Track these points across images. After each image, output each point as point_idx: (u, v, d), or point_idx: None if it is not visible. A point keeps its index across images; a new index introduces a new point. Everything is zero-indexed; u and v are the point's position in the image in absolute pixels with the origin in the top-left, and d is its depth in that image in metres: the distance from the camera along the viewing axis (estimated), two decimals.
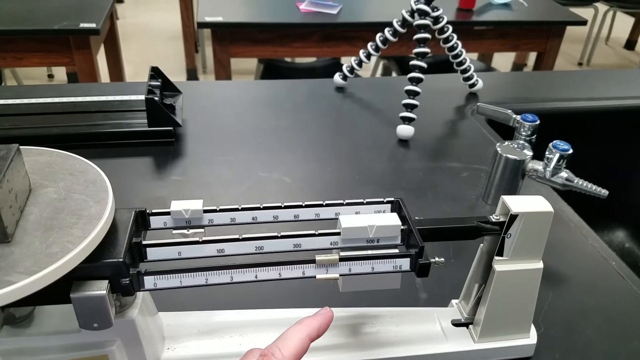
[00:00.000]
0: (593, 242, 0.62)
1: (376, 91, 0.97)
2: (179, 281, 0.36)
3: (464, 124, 0.87)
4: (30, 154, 0.40)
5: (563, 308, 0.53)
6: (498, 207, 0.41)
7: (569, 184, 0.60)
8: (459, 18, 1.80)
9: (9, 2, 1.62)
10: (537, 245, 0.42)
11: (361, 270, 0.38)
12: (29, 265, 0.30)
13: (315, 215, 0.41)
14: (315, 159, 0.76)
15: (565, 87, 1.02)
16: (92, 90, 0.90)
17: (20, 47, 1.54)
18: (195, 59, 3.00)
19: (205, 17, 1.63)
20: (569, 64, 3.35)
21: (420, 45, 0.80)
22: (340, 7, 1.76)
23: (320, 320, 0.37)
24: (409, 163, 0.76)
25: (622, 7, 3.31)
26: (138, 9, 3.94)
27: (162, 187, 0.69)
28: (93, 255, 0.33)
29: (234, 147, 0.78)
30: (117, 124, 0.75)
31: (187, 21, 2.83)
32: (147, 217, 0.40)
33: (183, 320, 0.46)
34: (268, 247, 0.38)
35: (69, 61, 1.60)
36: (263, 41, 1.74)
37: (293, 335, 0.35)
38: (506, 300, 0.44)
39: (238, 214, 0.41)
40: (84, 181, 0.37)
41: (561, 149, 0.59)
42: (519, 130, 0.67)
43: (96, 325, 0.35)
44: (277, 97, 0.93)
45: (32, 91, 0.86)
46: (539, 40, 1.91)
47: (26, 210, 0.34)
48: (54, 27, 1.48)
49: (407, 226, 0.39)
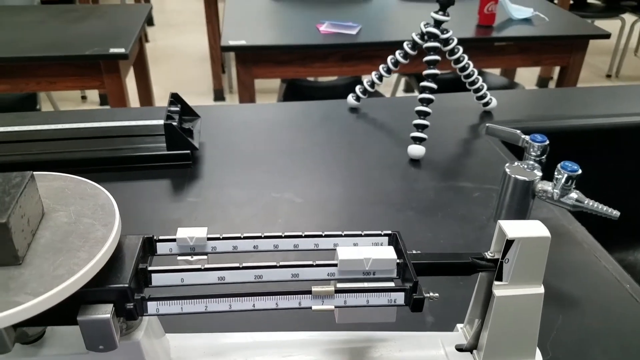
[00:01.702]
0: (607, 264, 0.62)
1: (389, 111, 0.98)
2: (180, 307, 0.38)
3: (477, 143, 0.88)
4: (46, 179, 0.42)
5: (573, 332, 0.52)
6: (495, 233, 0.42)
7: (579, 204, 0.60)
8: (479, 34, 1.80)
9: (44, 30, 1.70)
10: (536, 270, 0.42)
11: (356, 302, 0.39)
12: (36, 286, 0.32)
13: (314, 245, 0.43)
14: (327, 180, 0.77)
15: (584, 104, 1.01)
16: (116, 115, 0.94)
17: (54, 72, 1.61)
18: (222, 79, 3.06)
19: (229, 41, 1.67)
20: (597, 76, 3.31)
21: (430, 67, 0.81)
22: (360, 27, 1.79)
23: None
24: (420, 183, 0.76)
25: None
26: (169, 32, 4.05)
27: (178, 208, 0.71)
28: (101, 280, 0.35)
29: (248, 168, 0.79)
30: (138, 148, 0.78)
31: (214, 44, 2.90)
32: (154, 243, 0.41)
33: (190, 342, 0.48)
34: (267, 276, 0.39)
35: (100, 84, 1.67)
36: (285, 62, 1.77)
37: None
38: (508, 326, 0.44)
39: (240, 242, 0.42)
40: (94, 205, 0.39)
41: (569, 170, 0.59)
42: (528, 150, 0.67)
43: (102, 347, 0.36)
44: (293, 119, 0.95)
45: (59, 117, 0.89)
46: (561, 55, 1.89)
47: (38, 234, 0.36)
48: (85, 52, 1.54)
49: (403, 260, 0.40)
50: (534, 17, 1.94)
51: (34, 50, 1.54)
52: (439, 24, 0.82)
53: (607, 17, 3.16)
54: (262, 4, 2.08)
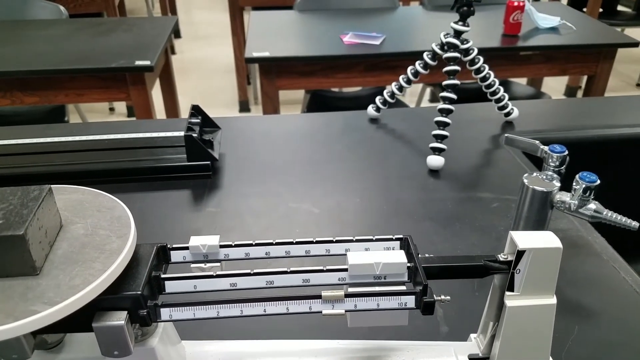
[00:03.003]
0: (626, 275, 0.60)
1: (409, 122, 0.98)
2: (192, 313, 0.38)
3: (497, 153, 0.87)
4: (65, 192, 0.43)
5: (589, 343, 0.51)
6: (507, 243, 0.42)
7: (598, 215, 0.59)
8: (504, 44, 1.79)
9: (71, 43, 1.75)
10: (548, 281, 0.41)
11: (367, 306, 0.39)
12: (53, 296, 0.33)
13: (325, 251, 0.43)
14: (345, 190, 0.77)
15: (609, 114, 0.99)
16: (140, 127, 0.96)
17: (81, 85, 1.66)
18: (247, 91, 3.10)
19: (252, 53, 1.69)
20: (627, 85, 3.24)
21: (450, 77, 0.81)
22: (384, 37, 1.79)
23: None
24: (439, 193, 0.76)
25: None
26: (195, 44, 4.12)
27: (198, 218, 0.72)
28: (114, 287, 0.36)
29: (267, 179, 0.80)
30: (159, 159, 0.80)
31: (240, 55, 2.94)
32: (168, 252, 0.42)
33: (205, 348, 0.48)
34: (278, 282, 0.40)
35: (126, 96, 1.71)
36: (308, 74, 1.78)
37: None
38: (520, 336, 0.43)
39: (252, 249, 0.43)
40: (110, 217, 0.41)
41: (588, 181, 0.58)
42: (547, 161, 0.67)
43: (116, 353, 0.37)
44: (313, 130, 0.96)
45: (84, 129, 0.92)
46: (588, 64, 1.87)
47: (56, 245, 0.38)
48: (111, 65, 1.58)
49: (414, 264, 0.40)
50: (560, 25, 1.91)
51: (62, 63, 1.59)
52: (459, 34, 0.82)
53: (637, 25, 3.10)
54: (286, 16, 2.10)
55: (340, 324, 0.53)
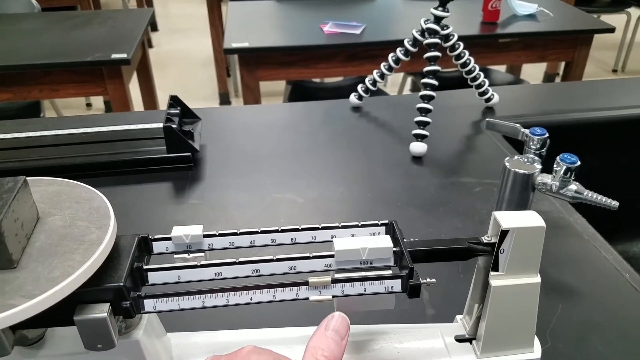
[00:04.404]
0: (607, 254, 0.61)
1: (391, 109, 0.98)
2: (177, 304, 0.38)
3: (479, 139, 0.87)
4: (41, 184, 0.42)
5: (572, 322, 0.52)
6: (490, 225, 0.42)
7: (579, 196, 0.59)
8: (483, 31, 1.80)
9: (45, 37, 1.71)
10: (532, 260, 0.42)
11: (354, 291, 0.39)
12: (31, 289, 0.32)
13: (311, 238, 0.43)
14: (329, 179, 0.77)
15: (587, 97, 1.00)
16: (117, 120, 0.94)
17: (56, 79, 1.63)
18: (227, 83, 3.07)
19: (231, 44, 1.68)
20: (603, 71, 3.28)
21: (431, 64, 0.81)
22: (364, 26, 1.79)
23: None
24: (422, 180, 0.76)
25: None
26: (173, 37, 4.07)
27: (180, 210, 0.71)
28: (96, 279, 0.36)
29: (249, 170, 0.80)
30: (138, 152, 0.79)
31: (218, 47, 2.91)
32: (150, 243, 0.42)
33: (191, 339, 0.48)
34: (264, 270, 0.39)
35: (103, 91, 1.68)
36: (289, 64, 1.77)
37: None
38: (505, 315, 0.44)
39: (237, 238, 0.42)
40: (89, 208, 0.40)
41: (568, 162, 0.59)
42: (528, 144, 0.67)
43: (100, 346, 0.37)
44: (295, 120, 0.95)
45: (59, 123, 0.90)
46: (566, 50, 1.89)
47: (33, 238, 0.37)
48: (87, 58, 1.56)
49: (399, 248, 0.40)
50: (538, 12, 1.93)
51: (35, 57, 1.56)
52: (439, 20, 0.82)
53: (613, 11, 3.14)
54: (264, 6, 2.08)
55: (327, 311, 0.52)
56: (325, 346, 0.35)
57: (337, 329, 0.36)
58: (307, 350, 0.35)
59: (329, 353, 0.35)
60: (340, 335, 0.36)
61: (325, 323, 0.37)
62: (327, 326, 0.37)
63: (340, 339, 0.36)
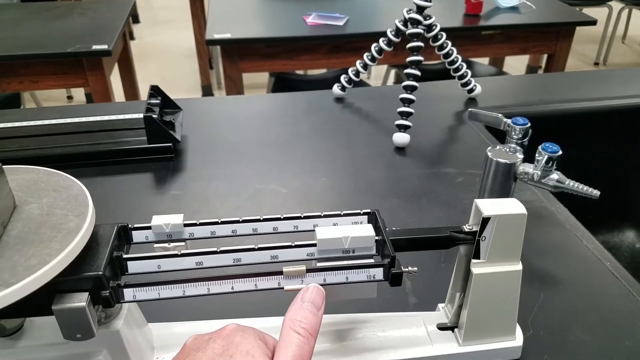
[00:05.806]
0: (588, 243, 0.62)
1: (374, 100, 0.98)
2: (157, 293, 0.37)
3: (461, 129, 0.88)
4: (18, 172, 0.41)
5: (554, 310, 0.52)
6: (472, 213, 0.42)
7: (561, 185, 0.60)
8: (466, 24, 1.80)
9: (24, 28, 1.68)
10: (514, 247, 0.42)
11: (336, 280, 0.39)
12: (8, 277, 0.32)
13: (294, 227, 0.43)
14: (312, 170, 0.77)
15: (568, 89, 1.01)
16: (97, 110, 0.93)
17: (36, 71, 1.60)
18: (210, 75, 3.05)
19: (214, 35, 1.66)
20: (585, 64, 3.32)
21: (414, 54, 0.81)
22: (347, 18, 1.78)
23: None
24: (405, 170, 0.76)
25: (637, 5, 3.27)
26: (155, 29, 4.02)
27: (161, 201, 0.71)
28: (74, 268, 0.35)
29: (232, 161, 0.79)
30: (118, 142, 0.78)
31: (201, 39, 2.88)
32: (130, 232, 0.41)
33: (172, 330, 0.47)
34: (246, 259, 0.39)
35: (84, 82, 1.65)
36: (272, 56, 1.76)
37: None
38: (487, 303, 0.44)
39: (218, 227, 0.42)
40: (67, 197, 0.39)
41: (550, 151, 0.59)
42: (510, 134, 0.67)
43: (79, 335, 0.36)
44: (278, 111, 0.95)
45: (38, 114, 0.89)
46: (548, 42, 1.90)
47: (9, 226, 0.36)
48: (67, 50, 1.53)
49: (381, 237, 0.40)
50: (521, 5, 1.94)
51: (15, 49, 1.53)
52: (421, 10, 0.82)
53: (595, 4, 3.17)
54: None
55: None
56: (303, 317, 0.35)
57: (313, 300, 0.37)
58: (284, 323, 0.36)
59: (306, 324, 0.35)
60: (316, 306, 0.37)
61: (301, 295, 0.37)
62: (302, 298, 0.37)
63: (316, 309, 0.36)
